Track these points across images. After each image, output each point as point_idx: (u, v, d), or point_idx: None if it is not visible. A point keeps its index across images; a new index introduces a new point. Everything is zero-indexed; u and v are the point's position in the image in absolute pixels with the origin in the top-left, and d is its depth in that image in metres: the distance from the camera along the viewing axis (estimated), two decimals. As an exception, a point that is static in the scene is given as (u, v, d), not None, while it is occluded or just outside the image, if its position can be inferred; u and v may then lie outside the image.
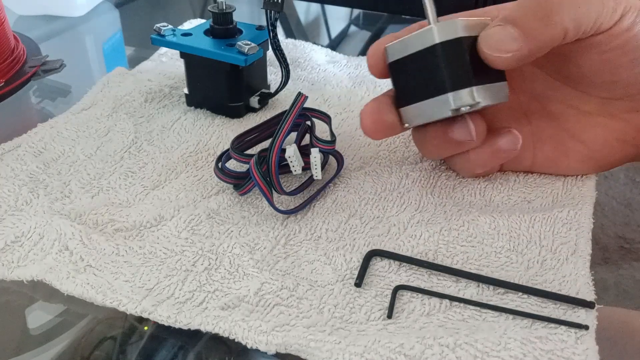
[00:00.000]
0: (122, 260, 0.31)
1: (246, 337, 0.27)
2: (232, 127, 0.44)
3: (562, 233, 0.33)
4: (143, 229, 0.33)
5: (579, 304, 0.28)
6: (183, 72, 0.45)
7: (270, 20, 0.41)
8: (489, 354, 0.25)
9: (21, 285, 0.30)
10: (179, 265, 0.31)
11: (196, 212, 0.34)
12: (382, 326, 0.27)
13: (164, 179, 0.38)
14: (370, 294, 0.29)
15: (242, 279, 0.30)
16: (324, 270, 0.31)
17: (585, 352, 0.26)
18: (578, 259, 0.31)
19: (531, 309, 0.28)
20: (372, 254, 0.31)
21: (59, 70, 0.52)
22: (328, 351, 0.26)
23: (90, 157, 0.40)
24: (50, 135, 0.42)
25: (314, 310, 0.28)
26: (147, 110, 0.46)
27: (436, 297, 0.29)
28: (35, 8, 0.65)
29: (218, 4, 0.44)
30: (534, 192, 0.36)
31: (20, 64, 0.51)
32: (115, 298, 0.28)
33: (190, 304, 0.28)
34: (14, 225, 0.33)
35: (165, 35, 0.44)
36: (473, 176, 0.38)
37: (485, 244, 0.32)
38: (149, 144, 0.42)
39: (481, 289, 0.30)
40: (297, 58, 0.55)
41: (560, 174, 0.37)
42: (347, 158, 0.40)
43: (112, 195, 0.36)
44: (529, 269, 0.31)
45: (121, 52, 0.62)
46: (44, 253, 0.31)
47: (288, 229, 0.34)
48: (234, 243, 0.32)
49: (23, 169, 0.38)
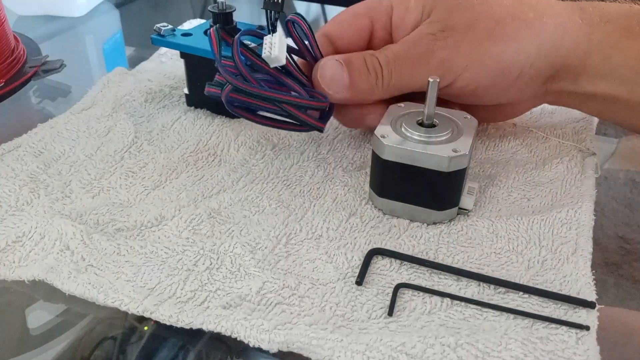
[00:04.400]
0: (123, 260, 0.31)
1: (248, 335, 0.27)
2: (232, 127, 0.44)
3: (562, 233, 0.33)
4: (144, 229, 0.33)
5: (580, 304, 0.28)
6: (183, 72, 0.45)
7: (270, 20, 0.41)
8: (489, 354, 0.25)
9: (22, 285, 0.30)
10: (180, 264, 0.31)
11: (197, 212, 0.34)
12: (384, 324, 0.27)
13: (164, 178, 0.38)
14: (371, 292, 0.29)
15: (244, 278, 0.30)
16: (325, 269, 0.31)
17: (586, 352, 0.26)
18: (579, 258, 0.31)
19: (532, 309, 0.28)
20: (373, 253, 0.31)
21: (59, 70, 0.52)
22: (330, 349, 0.26)
23: (90, 157, 0.40)
24: (51, 135, 0.42)
25: (315, 309, 0.28)
26: (147, 110, 0.46)
27: (437, 295, 0.29)
28: (35, 8, 0.65)
29: (218, 4, 0.44)
30: (533, 191, 0.37)
31: (20, 64, 0.51)
32: (117, 298, 0.28)
33: (192, 303, 0.28)
34: (15, 225, 0.33)
35: (165, 35, 0.44)
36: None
37: (484, 246, 0.32)
38: (149, 143, 0.42)
39: (482, 288, 0.30)
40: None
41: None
42: (347, 158, 0.40)
43: (112, 195, 0.36)
44: (529, 269, 0.31)
45: (121, 52, 0.62)
46: (45, 253, 0.31)
47: (289, 228, 0.34)
48: (235, 242, 0.32)
49: (23, 169, 0.38)
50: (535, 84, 0.37)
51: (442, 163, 0.31)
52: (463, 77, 0.35)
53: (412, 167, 0.32)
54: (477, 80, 0.35)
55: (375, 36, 0.39)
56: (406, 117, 0.34)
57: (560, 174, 0.38)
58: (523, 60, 0.35)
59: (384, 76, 0.35)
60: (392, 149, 0.32)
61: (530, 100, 0.40)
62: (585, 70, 0.36)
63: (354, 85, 0.36)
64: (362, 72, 0.35)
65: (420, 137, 0.32)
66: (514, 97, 0.38)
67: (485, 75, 0.35)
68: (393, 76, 0.36)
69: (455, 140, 0.32)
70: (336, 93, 0.36)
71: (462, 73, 0.35)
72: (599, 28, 0.35)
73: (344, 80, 0.36)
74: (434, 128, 0.33)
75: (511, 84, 0.36)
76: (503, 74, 0.36)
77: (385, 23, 0.38)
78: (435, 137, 0.32)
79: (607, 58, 0.35)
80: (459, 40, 0.35)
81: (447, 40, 0.35)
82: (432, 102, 0.33)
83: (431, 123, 0.33)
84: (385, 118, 0.34)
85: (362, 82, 0.35)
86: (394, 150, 0.32)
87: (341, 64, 0.36)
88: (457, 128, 0.34)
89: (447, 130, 0.33)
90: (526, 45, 0.35)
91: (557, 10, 0.36)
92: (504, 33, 0.35)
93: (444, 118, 0.34)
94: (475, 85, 0.36)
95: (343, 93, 0.36)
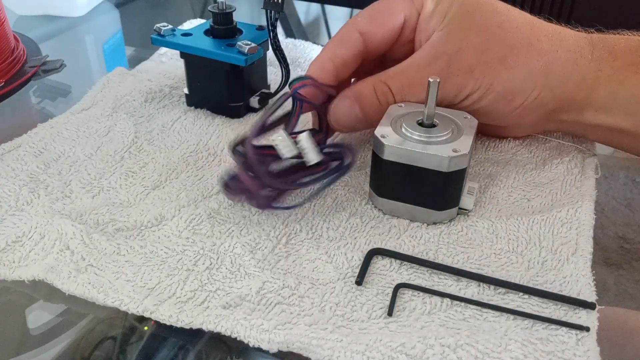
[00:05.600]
0: (123, 259, 0.31)
1: (248, 335, 0.27)
2: (232, 127, 0.44)
3: (562, 233, 0.33)
4: (144, 229, 0.33)
5: (580, 305, 0.28)
6: (183, 72, 0.45)
7: (270, 20, 0.41)
8: (489, 355, 0.25)
9: (22, 285, 0.30)
10: (180, 264, 0.31)
11: (197, 212, 0.34)
12: (384, 324, 0.27)
13: (164, 178, 0.38)
14: (371, 292, 0.29)
15: (244, 278, 0.30)
16: (325, 269, 0.31)
17: (586, 353, 0.26)
18: (579, 259, 0.31)
19: (532, 310, 0.28)
20: (373, 253, 0.31)
21: (59, 70, 0.52)
22: (330, 349, 0.26)
23: (90, 157, 0.40)
24: (51, 135, 0.42)
25: (315, 309, 0.28)
26: (147, 110, 0.46)
27: (437, 296, 0.29)
28: (35, 8, 0.65)
29: (218, 4, 0.44)
30: (533, 191, 0.37)
31: (20, 64, 0.51)
32: (116, 298, 0.28)
33: (191, 303, 0.28)
34: (14, 225, 0.33)
35: (165, 35, 0.44)
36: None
37: (484, 246, 0.32)
38: (149, 143, 0.42)
39: (482, 289, 0.30)
40: (297, 58, 0.55)
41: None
42: (348, 158, 0.40)
43: (112, 195, 0.36)
44: (529, 270, 0.31)
45: (121, 52, 0.62)
46: (45, 253, 0.31)
47: (289, 228, 0.34)
48: (235, 242, 0.32)
49: (23, 169, 0.38)
50: (538, 113, 0.37)
51: (442, 163, 0.31)
52: (470, 98, 0.36)
53: (412, 167, 0.32)
54: (481, 102, 0.36)
55: (402, 35, 0.39)
56: (406, 117, 0.34)
57: (561, 175, 0.38)
58: (530, 88, 0.35)
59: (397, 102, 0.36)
60: (392, 149, 0.32)
61: (531, 127, 0.40)
62: (590, 103, 0.36)
63: (367, 118, 0.36)
64: (373, 105, 0.36)
65: (420, 137, 0.32)
66: (513, 122, 0.38)
67: (490, 98, 0.36)
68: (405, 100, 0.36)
69: (455, 140, 0.32)
70: (351, 129, 0.37)
71: (471, 95, 0.35)
72: (608, 64, 0.35)
73: (357, 116, 0.36)
74: (434, 128, 0.33)
75: (514, 109, 0.36)
76: (508, 100, 0.36)
77: (414, 23, 0.38)
78: (435, 137, 0.32)
79: (614, 92, 0.35)
80: (473, 65, 0.35)
81: (463, 64, 0.35)
82: (432, 102, 0.33)
83: (431, 123, 0.33)
84: (385, 118, 0.34)
85: (374, 114, 0.36)
86: (394, 150, 0.32)
87: (352, 101, 0.36)
88: (457, 128, 0.34)
89: (447, 130, 0.33)
90: (535, 75, 0.35)
91: (571, 45, 0.36)
92: (516, 60, 0.35)
93: (444, 118, 0.34)
94: (478, 106, 0.36)
95: (357, 127, 0.37)
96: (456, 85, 0.35)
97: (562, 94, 0.36)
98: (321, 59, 0.37)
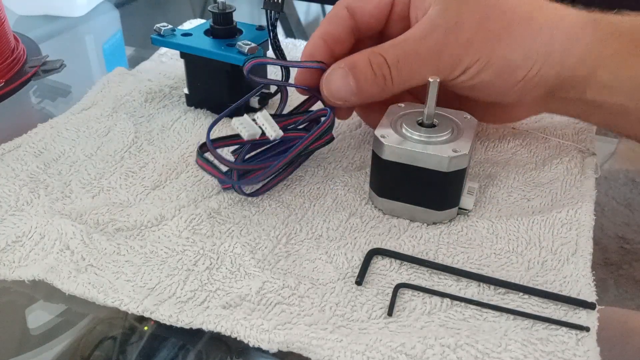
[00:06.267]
0: (123, 259, 0.31)
1: (248, 335, 0.27)
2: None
3: (562, 234, 0.33)
4: (144, 229, 0.33)
5: (580, 305, 0.28)
6: (183, 72, 0.45)
7: (270, 20, 0.41)
8: (489, 355, 0.25)
9: (22, 285, 0.30)
10: (180, 264, 0.31)
11: (197, 212, 0.34)
12: (384, 324, 0.27)
13: (164, 178, 0.38)
14: (371, 292, 0.29)
15: (244, 278, 0.30)
16: (325, 269, 0.31)
17: (586, 353, 0.26)
18: (579, 259, 0.31)
19: (532, 310, 0.28)
20: (373, 253, 0.31)
21: (59, 70, 0.52)
22: (330, 349, 0.26)
23: (90, 157, 0.40)
24: (51, 135, 0.42)
25: (315, 309, 0.28)
26: (147, 110, 0.46)
27: (437, 296, 0.29)
28: (35, 8, 0.65)
29: (218, 4, 0.44)
30: (533, 191, 0.37)
31: (20, 64, 0.51)
32: (116, 297, 0.28)
33: (191, 303, 0.28)
34: (14, 225, 0.33)
35: (165, 35, 0.44)
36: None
37: (484, 246, 0.32)
38: (149, 143, 0.42)
39: (482, 289, 0.30)
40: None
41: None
42: (347, 158, 0.40)
43: (112, 195, 0.36)
44: (529, 270, 0.31)
45: (121, 52, 0.62)
46: (45, 253, 0.31)
47: (289, 228, 0.34)
48: (235, 242, 0.32)
49: (23, 169, 0.38)
50: (539, 89, 0.37)
51: (442, 163, 0.31)
52: (468, 72, 0.35)
53: (412, 167, 0.32)
54: (481, 76, 0.35)
55: (394, 11, 0.38)
56: (406, 117, 0.34)
57: (560, 175, 0.38)
58: (530, 63, 0.35)
59: (393, 77, 0.35)
60: (392, 149, 0.32)
61: (532, 106, 0.40)
62: (592, 82, 0.36)
63: (362, 91, 0.35)
64: (368, 76, 0.35)
65: (420, 137, 0.32)
66: (514, 99, 0.38)
67: (490, 72, 0.35)
68: (402, 74, 0.35)
69: (455, 140, 0.32)
70: (345, 102, 0.35)
71: (468, 68, 0.35)
72: (610, 43, 0.35)
73: (351, 87, 0.35)
74: (434, 128, 0.33)
75: (514, 85, 0.36)
76: (507, 74, 0.35)
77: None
78: (435, 137, 0.32)
79: (616, 72, 0.35)
80: (470, 38, 0.34)
81: (460, 35, 0.34)
82: (432, 102, 0.33)
83: (431, 123, 0.33)
84: (385, 118, 0.34)
85: (369, 87, 0.35)
86: (394, 150, 0.32)
87: (346, 71, 0.35)
88: (457, 128, 0.34)
89: (447, 130, 0.33)
90: (533, 53, 0.35)
91: (571, 21, 0.36)
92: (514, 37, 0.34)
93: (444, 118, 0.34)
94: (478, 80, 0.35)
95: (352, 100, 0.35)
96: (453, 58, 0.34)
97: (563, 70, 0.35)
98: (312, 38, 0.37)
